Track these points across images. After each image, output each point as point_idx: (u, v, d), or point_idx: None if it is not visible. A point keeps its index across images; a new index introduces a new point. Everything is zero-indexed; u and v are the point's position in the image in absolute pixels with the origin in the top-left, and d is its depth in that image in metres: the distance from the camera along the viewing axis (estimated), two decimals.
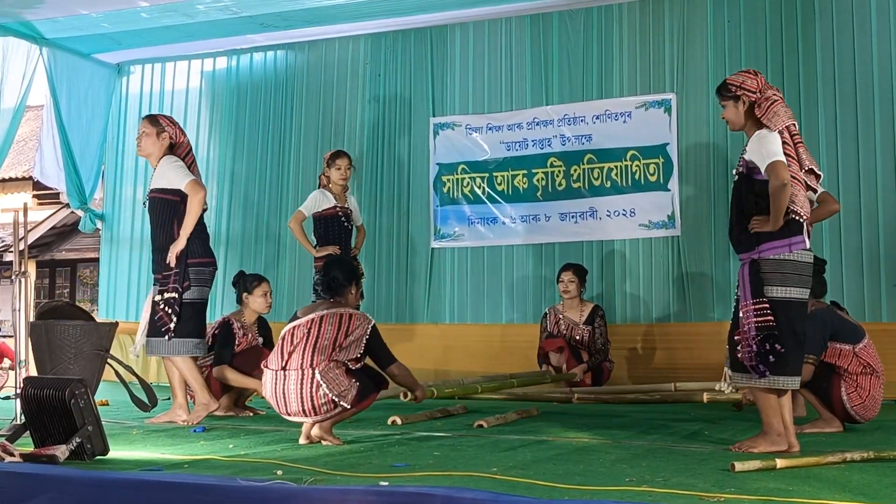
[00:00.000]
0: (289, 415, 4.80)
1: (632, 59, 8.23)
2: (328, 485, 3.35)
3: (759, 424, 5.43)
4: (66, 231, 17.99)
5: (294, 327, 4.82)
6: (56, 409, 4.16)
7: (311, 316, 4.82)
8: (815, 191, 4.62)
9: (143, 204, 6.12)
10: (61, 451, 3.99)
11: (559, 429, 5.37)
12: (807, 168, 4.45)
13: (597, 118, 8.25)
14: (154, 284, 6.00)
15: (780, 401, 4.44)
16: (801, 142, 4.50)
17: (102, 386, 7.10)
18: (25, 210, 5.64)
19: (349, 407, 4.73)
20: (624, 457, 4.23)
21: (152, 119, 6.05)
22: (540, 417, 6.03)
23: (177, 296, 5.85)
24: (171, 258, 5.81)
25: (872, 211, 7.29)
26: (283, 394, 4.74)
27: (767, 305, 4.39)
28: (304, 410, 4.71)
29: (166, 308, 5.86)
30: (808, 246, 4.45)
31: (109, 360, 6.80)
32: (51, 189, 12.82)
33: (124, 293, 10.09)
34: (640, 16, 8.22)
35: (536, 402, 6.80)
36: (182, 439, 5.00)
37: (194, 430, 5.35)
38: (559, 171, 8.36)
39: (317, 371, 4.67)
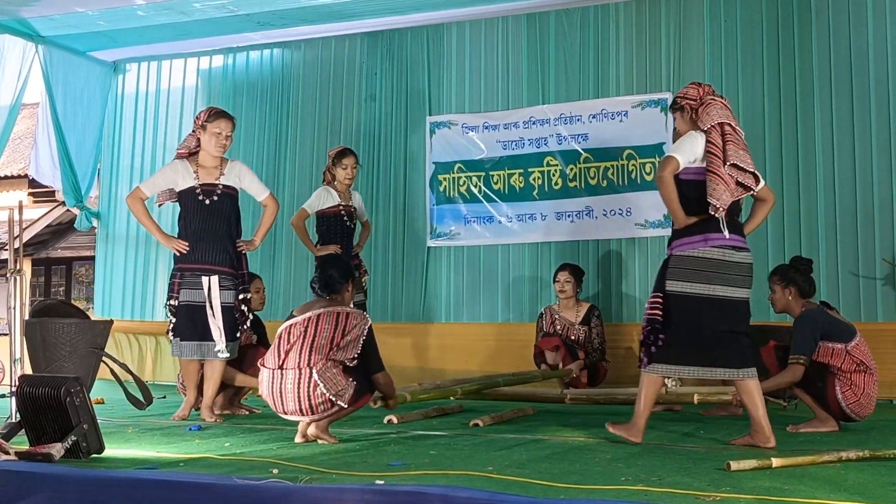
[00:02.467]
0: (286, 413, 4.80)
1: (628, 59, 8.23)
2: (324, 483, 3.35)
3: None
4: (62, 229, 17.96)
5: (291, 325, 4.81)
6: (51, 408, 4.15)
7: (307, 314, 4.81)
8: (746, 187, 4.67)
9: (199, 195, 6.01)
10: (57, 450, 3.98)
11: (555, 428, 5.37)
12: (730, 163, 4.56)
13: (593, 117, 8.25)
14: (209, 275, 5.96)
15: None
16: (733, 140, 4.63)
17: (97, 384, 7.09)
18: (21, 208, 5.63)
19: (346, 406, 4.73)
20: (620, 456, 4.23)
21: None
22: (536, 417, 6.04)
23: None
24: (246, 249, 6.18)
25: (868, 210, 7.29)
26: (280, 392, 4.73)
27: (661, 299, 4.67)
28: (300, 409, 4.71)
29: (243, 308, 6.09)
30: (725, 240, 4.58)
31: (105, 358, 6.79)
32: (46, 187, 12.81)
33: (120, 291, 10.09)
34: (636, 15, 8.22)
35: (528, 401, 6.76)
36: (177, 438, 5.00)
37: (190, 429, 5.34)
38: (555, 171, 8.36)
39: (314, 370, 4.67)
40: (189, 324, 5.97)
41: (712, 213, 4.53)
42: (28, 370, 6.64)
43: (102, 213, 10.30)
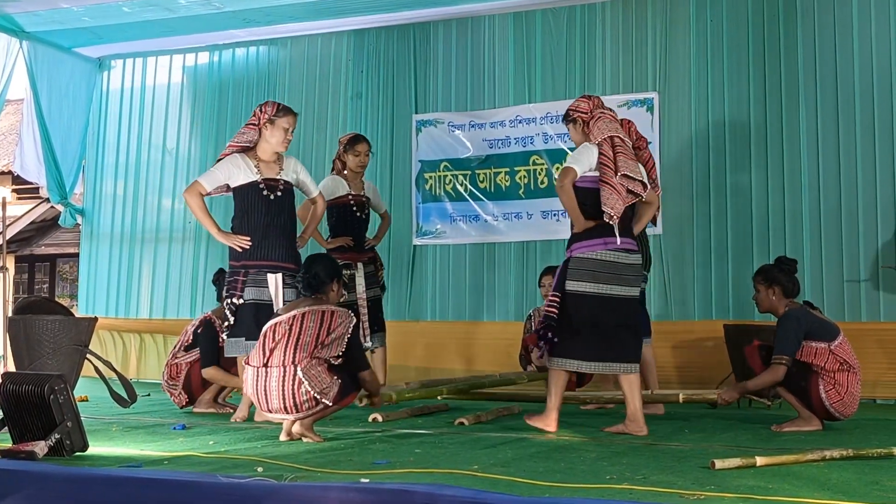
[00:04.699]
0: (270, 412, 4.78)
1: (615, 58, 8.24)
2: (309, 482, 3.35)
3: (738, 422, 5.49)
4: (46, 226, 17.90)
5: (276, 324, 4.80)
6: (35, 405, 4.13)
7: (292, 312, 4.79)
8: (635, 194, 5.05)
9: (263, 190, 5.78)
10: (40, 448, 3.97)
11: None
12: (621, 173, 4.96)
13: None
14: (275, 273, 5.73)
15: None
16: (623, 151, 5.03)
17: (81, 381, 7.07)
18: (4, 204, 5.62)
19: (330, 404, 4.72)
20: (604, 454, 4.24)
21: None
22: (521, 415, 6.03)
23: None
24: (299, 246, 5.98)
25: (853, 211, 7.32)
26: (265, 391, 4.72)
27: (559, 298, 5.07)
28: (285, 407, 4.69)
29: None
30: (618, 245, 5.01)
31: (88, 356, 6.77)
32: (30, 183, 12.73)
33: (104, 288, 10.05)
34: (622, 14, 8.24)
35: (513, 401, 6.74)
36: (162, 436, 4.99)
37: (174, 428, 5.32)
38: (541, 169, 8.37)
39: (299, 368, 4.65)
40: (253, 322, 5.63)
41: (607, 220, 4.95)
42: (11, 367, 6.62)
43: (87, 210, 10.26)
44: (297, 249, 5.96)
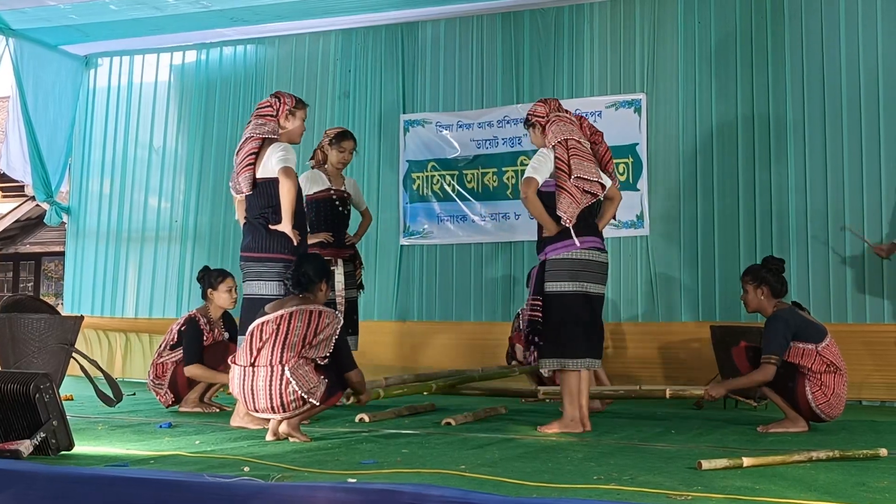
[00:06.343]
0: (257, 411, 4.77)
1: (602, 59, 8.26)
2: (295, 482, 3.34)
3: (724, 423, 5.51)
4: (31, 224, 17.80)
5: (263, 323, 4.78)
6: (20, 404, 4.11)
7: (280, 312, 4.77)
8: (593, 194, 5.18)
9: None
10: (25, 446, 3.94)
11: (527, 427, 5.37)
12: (575, 176, 5.10)
13: None
14: None
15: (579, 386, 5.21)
16: (577, 154, 5.17)
17: (67, 380, 7.04)
18: None
19: (318, 404, 4.71)
20: (592, 455, 4.24)
21: None
22: (508, 415, 6.04)
23: None
24: None
25: (839, 211, 7.34)
26: (252, 390, 4.70)
27: (541, 301, 5.20)
28: (272, 407, 4.68)
29: None
30: (578, 246, 5.12)
31: (74, 355, 6.74)
32: (15, 181, 12.69)
33: (90, 287, 10.01)
34: (611, 16, 8.25)
35: (501, 396, 6.75)
36: (148, 435, 4.97)
37: (160, 427, 5.30)
38: None
39: (286, 368, 4.64)
40: None
41: (563, 223, 5.10)
42: None
43: (73, 209, 10.23)
44: None
